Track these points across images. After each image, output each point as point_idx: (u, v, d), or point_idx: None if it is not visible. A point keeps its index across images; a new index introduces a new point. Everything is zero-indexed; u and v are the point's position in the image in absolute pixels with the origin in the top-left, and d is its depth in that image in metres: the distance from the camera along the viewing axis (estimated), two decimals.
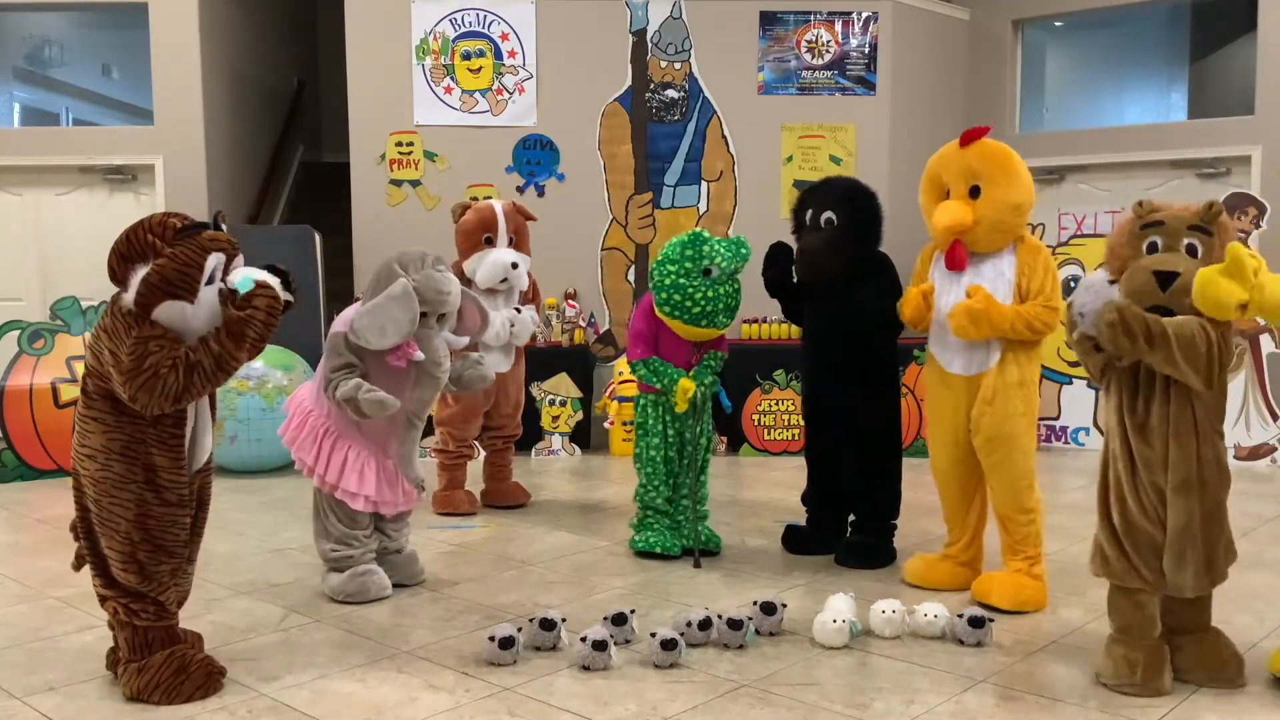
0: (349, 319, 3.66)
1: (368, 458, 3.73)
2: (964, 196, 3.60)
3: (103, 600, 2.88)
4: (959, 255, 3.64)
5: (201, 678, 2.85)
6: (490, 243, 5.13)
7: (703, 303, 4.11)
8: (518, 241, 5.22)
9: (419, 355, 3.64)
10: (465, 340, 3.93)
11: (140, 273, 2.68)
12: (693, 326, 4.16)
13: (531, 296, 5.43)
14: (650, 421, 4.38)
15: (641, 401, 4.43)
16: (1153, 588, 2.90)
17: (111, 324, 2.72)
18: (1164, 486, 2.85)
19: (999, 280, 3.63)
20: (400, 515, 3.95)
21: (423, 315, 3.62)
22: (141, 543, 2.77)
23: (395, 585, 3.86)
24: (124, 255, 2.72)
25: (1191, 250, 2.83)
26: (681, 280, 4.11)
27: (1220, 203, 2.91)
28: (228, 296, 2.76)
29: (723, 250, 4.14)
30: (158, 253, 2.70)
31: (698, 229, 4.27)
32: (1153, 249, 2.88)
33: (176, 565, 2.85)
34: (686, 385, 4.19)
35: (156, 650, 2.85)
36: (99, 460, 2.77)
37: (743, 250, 4.18)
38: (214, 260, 2.74)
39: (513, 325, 5.14)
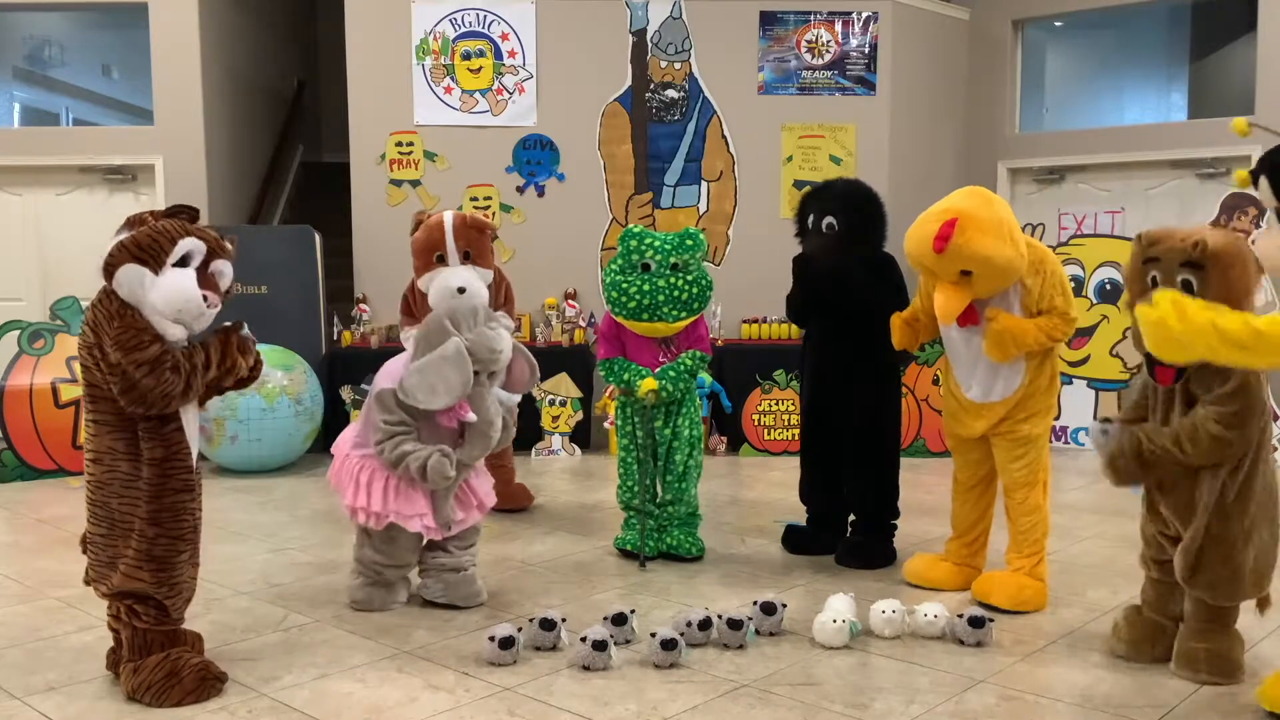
0: (395, 374, 3.50)
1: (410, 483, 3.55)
2: (957, 280, 3.53)
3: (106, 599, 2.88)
4: (972, 315, 3.60)
5: (193, 683, 2.83)
6: (443, 260, 4.75)
7: (638, 296, 4.14)
8: (475, 256, 4.80)
9: (471, 416, 3.50)
10: (518, 397, 3.72)
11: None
12: (636, 321, 4.19)
13: (503, 302, 5.19)
14: (620, 422, 4.42)
15: (617, 403, 4.45)
16: (1159, 572, 3.10)
17: (93, 316, 2.78)
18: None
19: (1007, 309, 3.63)
20: (466, 532, 3.75)
21: (474, 374, 3.47)
22: (157, 538, 2.78)
23: (445, 607, 3.67)
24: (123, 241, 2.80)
25: (1187, 286, 2.82)
26: (618, 276, 4.20)
27: (1206, 242, 2.84)
28: (232, 330, 2.88)
29: (661, 244, 4.17)
30: (144, 223, 2.80)
31: (636, 225, 4.32)
32: (1154, 283, 2.91)
33: (191, 554, 2.87)
34: (645, 384, 4.19)
35: (155, 652, 2.85)
36: (104, 462, 2.78)
37: (688, 242, 4.19)
38: (189, 243, 2.77)
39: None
